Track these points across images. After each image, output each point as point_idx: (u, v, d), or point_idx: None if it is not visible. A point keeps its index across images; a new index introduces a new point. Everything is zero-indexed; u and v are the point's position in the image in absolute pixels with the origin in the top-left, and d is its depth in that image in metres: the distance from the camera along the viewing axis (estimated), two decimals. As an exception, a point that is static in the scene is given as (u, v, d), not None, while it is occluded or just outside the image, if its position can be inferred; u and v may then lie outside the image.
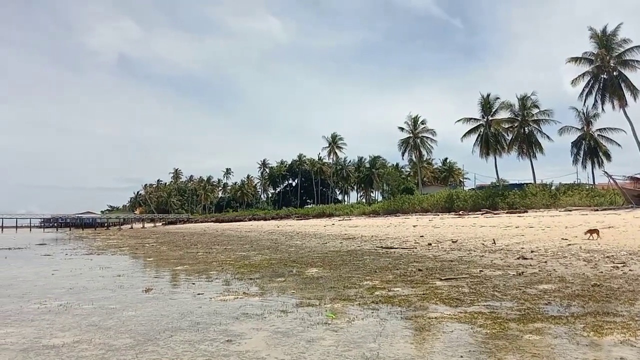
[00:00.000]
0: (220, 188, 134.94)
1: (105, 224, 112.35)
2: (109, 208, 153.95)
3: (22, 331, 5.81)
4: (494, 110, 56.20)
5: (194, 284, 9.87)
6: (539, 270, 9.65)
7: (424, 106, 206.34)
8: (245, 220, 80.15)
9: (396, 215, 48.09)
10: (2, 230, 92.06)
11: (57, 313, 6.96)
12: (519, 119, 53.67)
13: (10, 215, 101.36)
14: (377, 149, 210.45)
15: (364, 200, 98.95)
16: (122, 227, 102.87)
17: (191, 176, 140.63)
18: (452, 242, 17.51)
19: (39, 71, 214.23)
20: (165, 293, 8.81)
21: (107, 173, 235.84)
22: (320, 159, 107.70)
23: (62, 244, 33.04)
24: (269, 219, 76.12)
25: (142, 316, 6.60)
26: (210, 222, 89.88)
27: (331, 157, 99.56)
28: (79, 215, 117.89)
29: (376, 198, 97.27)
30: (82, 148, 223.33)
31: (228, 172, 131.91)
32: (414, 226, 29.58)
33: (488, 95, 56.93)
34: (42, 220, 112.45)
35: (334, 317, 6.19)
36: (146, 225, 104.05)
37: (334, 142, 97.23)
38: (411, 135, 70.13)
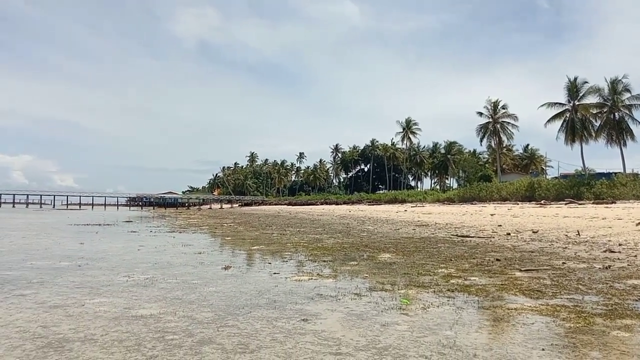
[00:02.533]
0: (293, 172, 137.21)
1: (186, 204, 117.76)
2: (189, 189, 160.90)
3: (113, 301, 6.24)
4: (581, 94, 52.82)
5: (269, 263, 10.15)
6: (628, 265, 9.05)
7: (504, 90, 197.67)
8: (317, 204, 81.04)
9: (472, 203, 46.71)
10: (92, 207, 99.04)
11: (144, 286, 7.41)
12: (608, 104, 50.14)
13: (100, 194, 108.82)
14: (453, 135, 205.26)
15: (437, 187, 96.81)
16: (201, 207, 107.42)
17: (266, 160, 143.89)
18: (533, 232, 16.78)
19: (127, 58, 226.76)
20: (243, 271, 9.13)
21: (188, 155, 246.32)
22: (393, 144, 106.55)
23: (146, 222, 35.05)
24: (341, 204, 76.49)
25: (222, 292, 6.89)
26: (284, 204, 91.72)
27: (405, 142, 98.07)
28: (162, 195, 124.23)
29: (451, 185, 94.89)
30: (165, 131, 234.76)
31: (301, 156, 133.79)
32: (492, 215, 28.62)
33: (575, 79, 53.55)
34: (128, 199, 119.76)
35: (408, 302, 6.15)
36: (224, 206, 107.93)
37: (408, 127, 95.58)
38: (490, 120, 67.54)
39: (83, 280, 7.91)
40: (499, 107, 67.50)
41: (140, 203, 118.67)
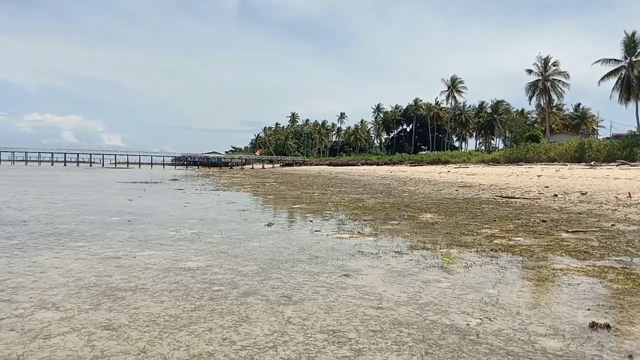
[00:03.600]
0: (334, 132, 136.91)
1: (229, 164, 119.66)
2: (232, 149, 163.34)
3: (162, 254, 6.48)
4: (639, 50, 49.89)
5: (311, 221, 10.27)
6: (684, 229, 8.69)
7: (556, 47, 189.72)
8: (358, 165, 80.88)
9: (518, 164, 45.56)
10: (139, 166, 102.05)
11: (190, 240, 7.66)
12: (669, 59, 47.28)
13: (147, 153, 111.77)
14: (501, 94, 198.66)
15: (483, 147, 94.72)
16: (244, 167, 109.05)
17: (307, 120, 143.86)
18: (581, 194, 16.27)
19: (169, 19, 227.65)
20: (285, 228, 9.29)
21: (231, 116, 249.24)
22: (437, 103, 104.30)
23: (191, 180, 35.92)
24: (382, 164, 76.10)
25: (266, 247, 7.05)
26: (324, 165, 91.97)
27: (449, 101, 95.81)
28: (206, 154, 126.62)
29: (497, 145, 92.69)
30: (209, 92, 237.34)
31: (342, 116, 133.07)
32: (539, 176, 27.86)
33: (633, 34, 50.60)
34: (174, 158, 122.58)
35: (450, 261, 6.13)
36: (265, 166, 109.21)
37: (454, 86, 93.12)
38: (540, 78, 64.97)
39: (133, 234, 8.24)
40: (549, 64, 64.77)
41: (185, 162, 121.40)
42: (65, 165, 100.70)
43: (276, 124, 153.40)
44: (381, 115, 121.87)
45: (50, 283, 4.82)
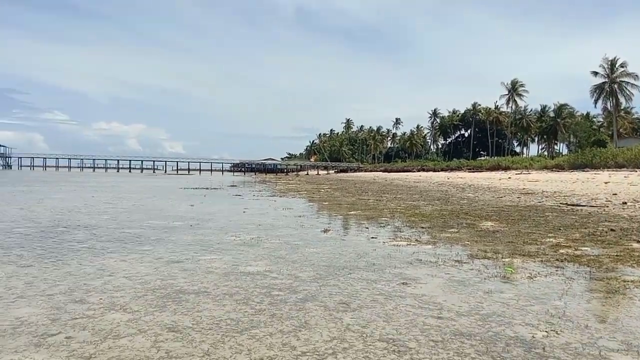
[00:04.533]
0: (389, 138, 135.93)
1: (285, 170, 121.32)
2: (288, 155, 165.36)
3: (223, 258, 6.65)
4: None
5: (367, 228, 10.23)
6: None
7: (624, 47, 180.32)
8: (414, 171, 79.85)
9: (584, 170, 43.54)
10: (199, 172, 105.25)
11: (250, 245, 7.81)
12: None
13: (206, 160, 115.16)
14: (564, 97, 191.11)
15: (545, 153, 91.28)
16: (299, 173, 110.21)
17: (362, 126, 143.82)
18: (654, 202, 15.35)
19: (228, 28, 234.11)
20: (342, 234, 9.30)
21: (286, 123, 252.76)
22: (497, 107, 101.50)
23: (249, 186, 36.65)
24: (439, 171, 74.76)
25: (323, 253, 7.08)
26: (379, 171, 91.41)
27: (510, 105, 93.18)
28: (262, 161, 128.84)
29: (560, 151, 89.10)
30: (265, 99, 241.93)
31: (397, 122, 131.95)
32: (606, 183, 26.52)
33: None
34: (232, 165, 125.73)
35: (513, 271, 5.94)
36: (320, 172, 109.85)
37: (514, 89, 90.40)
38: (607, 80, 62.03)
39: (195, 238, 8.50)
40: (617, 65, 61.72)
41: (242, 169, 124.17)
42: (130, 171, 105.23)
43: (331, 130, 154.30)
44: (438, 120, 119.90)
45: (118, 285, 5.04)
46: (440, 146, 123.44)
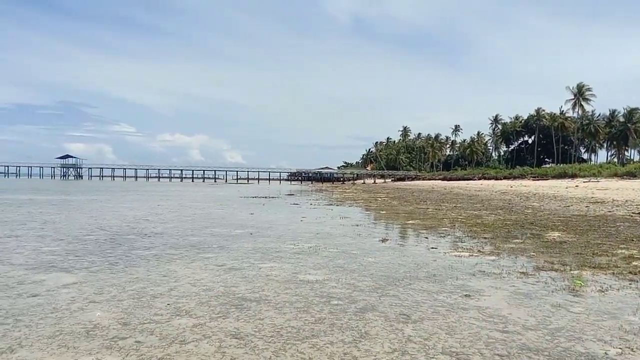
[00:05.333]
0: (448, 145, 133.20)
1: (341, 179, 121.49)
2: (344, 164, 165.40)
3: (282, 266, 6.73)
4: None
5: (426, 238, 10.06)
6: None
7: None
8: (475, 179, 77.85)
9: (658, 178, 40.96)
10: (258, 181, 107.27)
11: (308, 253, 7.87)
12: None
13: (265, 169, 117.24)
14: (635, 100, 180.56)
15: (615, 159, 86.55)
16: (355, 182, 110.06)
17: (419, 134, 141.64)
18: None
19: (284, 40, 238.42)
20: (400, 244, 9.20)
21: (342, 131, 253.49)
22: (562, 112, 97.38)
23: (306, 195, 36.95)
24: (501, 179, 72.52)
25: (381, 263, 7.02)
26: (438, 179, 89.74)
27: (576, 110, 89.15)
28: (319, 170, 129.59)
29: (631, 157, 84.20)
30: (322, 109, 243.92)
31: (457, 129, 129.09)
32: (684, 191, 24.83)
33: None
34: (289, 174, 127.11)
35: (582, 284, 5.65)
36: (377, 180, 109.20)
37: (580, 94, 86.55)
38: (683, 82, 58.06)
39: (255, 246, 8.66)
40: (696, 66, 57.67)
41: (299, 178, 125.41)
42: (192, 181, 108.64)
43: (387, 138, 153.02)
44: (499, 126, 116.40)
45: (183, 291, 5.21)
46: (502, 153, 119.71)
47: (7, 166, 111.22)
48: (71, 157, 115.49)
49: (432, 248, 8.54)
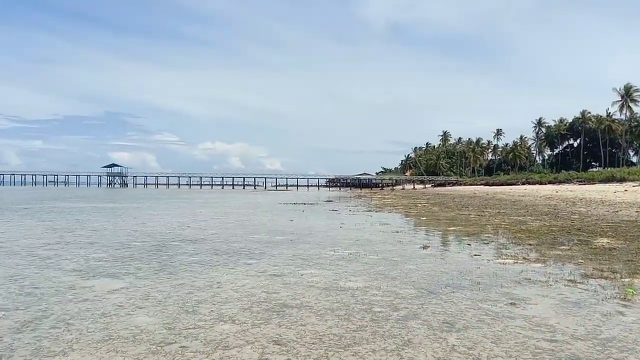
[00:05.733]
0: (490, 150, 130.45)
1: (380, 185, 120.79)
2: (382, 170, 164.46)
3: (323, 273, 6.74)
4: None
5: (469, 244, 9.88)
6: None
7: None
8: (518, 184, 76.01)
9: None
10: (297, 188, 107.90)
11: (348, 260, 7.85)
12: None
13: (303, 176, 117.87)
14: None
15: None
16: (394, 187, 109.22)
17: (459, 138, 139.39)
18: None
19: (320, 45, 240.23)
20: (442, 251, 9.06)
21: (381, 137, 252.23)
22: (609, 115, 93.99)
23: (344, 201, 36.91)
24: (545, 183, 70.60)
25: (423, 270, 6.94)
26: (480, 185, 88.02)
27: (623, 112, 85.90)
28: (357, 176, 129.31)
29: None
30: (359, 114, 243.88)
31: (498, 133, 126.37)
32: None
33: None
34: (327, 180, 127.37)
35: (634, 292, 5.43)
36: (416, 186, 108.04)
37: (628, 95, 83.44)
38: None
39: (295, 253, 8.71)
40: None
41: (338, 184, 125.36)
42: (233, 188, 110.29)
43: (427, 143, 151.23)
44: (543, 129, 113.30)
45: (226, 297, 5.29)
46: (546, 157, 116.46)
47: (57, 175, 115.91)
48: (117, 165, 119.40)
49: (475, 255, 8.38)
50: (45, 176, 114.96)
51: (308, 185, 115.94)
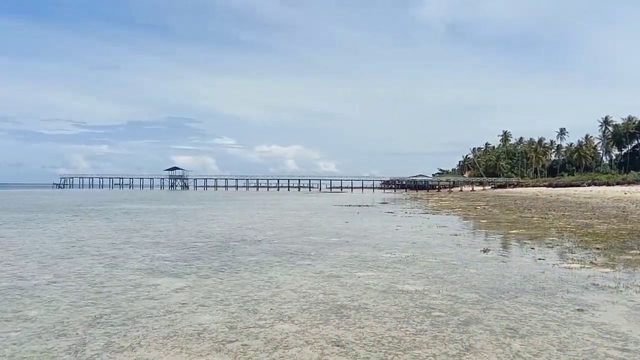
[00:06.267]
0: (553, 150, 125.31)
1: (436, 186, 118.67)
2: (439, 171, 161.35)
3: (380, 275, 6.71)
4: None
5: (532, 248, 9.54)
6: None
7: None
8: (583, 186, 72.62)
9: None
10: (351, 190, 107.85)
11: (405, 263, 7.77)
12: None
13: (358, 178, 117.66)
14: None
15: None
16: (452, 189, 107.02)
17: (521, 138, 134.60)
18: None
19: (377, 48, 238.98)
20: (504, 255, 8.80)
21: (437, 138, 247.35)
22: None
23: (400, 203, 36.53)
24: (613, 185, 67.04)
25: (484, 274, 6.77)
26: (542, 186, 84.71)
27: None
28: (413, 178, 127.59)
29: None
30: (414, 116, 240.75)
31: (562, 132, 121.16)
32: None
33: None
34: (382, 182, 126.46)
35: None
36: (475, 188, 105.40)
37: None
38: None
39: (351, 254, 8.71)
40: None
41: (393, 186, 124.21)
42: (288, 190, 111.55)
43: (486, 143, 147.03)
44: (610, 128, 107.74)
45: (284, 297, 5.36)
46: (614, 157, 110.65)
47: (122, 178, 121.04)
48: (178, 168, 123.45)
49: (540, 259, 8.09)
50: (111, 179, 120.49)
51: (363, 187, 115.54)
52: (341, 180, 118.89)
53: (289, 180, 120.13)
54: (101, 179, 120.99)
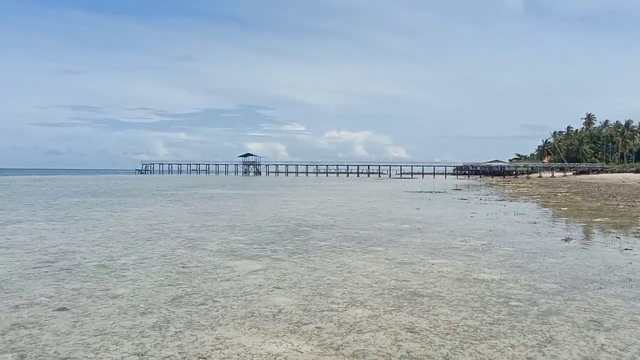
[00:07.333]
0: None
1: (513, 172, 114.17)
2: (517, 157, 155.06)
3: (454, 263, 6.58)
4: None
5: (618, 238, 8.99)
6: None
7: None
8: (678, 171, 67.15)
9: None
10: (422, 176, 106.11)
11: (481, 251, 7.57)
12: None
13: (429, 163, 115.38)
14: None
15: None
16: (530, 175, 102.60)
17: (606, 121, 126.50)
18: None
19: (447, 29, 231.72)
20: (586, 244, 8.37)
21: (513, 121, 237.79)
22: None
23: (474, 190, 35.50)
24: None
25: (565, 264, 6.47)
26: (630, 172, 79.21)
27: None
28: (488, 163, 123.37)
29: None
30: (489, 99, 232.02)
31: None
32: None
33: None
34: (455, 168, 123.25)
35: None
36: (555, 174, 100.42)
37: None
38: None
39: (424, 241, 8.60)
40: None
41: (466, 172, 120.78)
42: (358, 176, 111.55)
43: (568, 127, 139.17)
44: None
45: (356, 282, 5.40)
46: None
47: (198, 164, 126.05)
48: (251, 155, 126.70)
49: (626, 249, 7.61)
50: (188, 165, 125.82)
51: (434, 173, 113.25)
52: (412, 165, 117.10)
53: (358, 166, 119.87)
54: (179, 165, 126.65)
